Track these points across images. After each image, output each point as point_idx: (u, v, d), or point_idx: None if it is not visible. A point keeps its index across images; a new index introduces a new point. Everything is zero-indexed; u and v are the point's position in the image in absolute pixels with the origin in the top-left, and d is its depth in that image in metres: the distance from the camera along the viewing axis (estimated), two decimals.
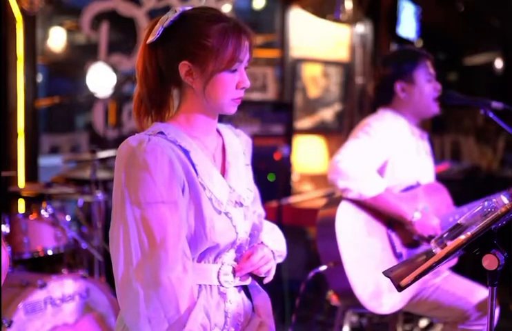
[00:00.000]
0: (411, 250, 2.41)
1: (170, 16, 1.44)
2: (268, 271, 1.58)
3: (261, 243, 1.60)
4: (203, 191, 1.43)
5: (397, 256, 2.37)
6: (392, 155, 2.45)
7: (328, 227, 2.32)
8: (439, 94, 2.53)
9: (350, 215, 2.35)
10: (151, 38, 1.45)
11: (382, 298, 2.27)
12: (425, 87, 2.50)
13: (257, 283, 1.61)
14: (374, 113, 2.58)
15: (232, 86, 1.47)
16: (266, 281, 1.60)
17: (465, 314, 2.28)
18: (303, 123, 5.22)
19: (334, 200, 2.43)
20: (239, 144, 1.62)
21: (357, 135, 2.44)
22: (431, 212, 2.43)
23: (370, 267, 2.31)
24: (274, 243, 1.64)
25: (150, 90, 1.47)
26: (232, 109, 1.50)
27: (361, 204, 2.36)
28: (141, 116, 1.50)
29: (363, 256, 2.31)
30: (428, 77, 2.50)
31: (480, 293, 2.31)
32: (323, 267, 2.34)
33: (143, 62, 1.47)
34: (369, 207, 2.36)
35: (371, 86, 2.68)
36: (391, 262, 2.34)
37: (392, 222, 2.39)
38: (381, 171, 2.45)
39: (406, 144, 2.50)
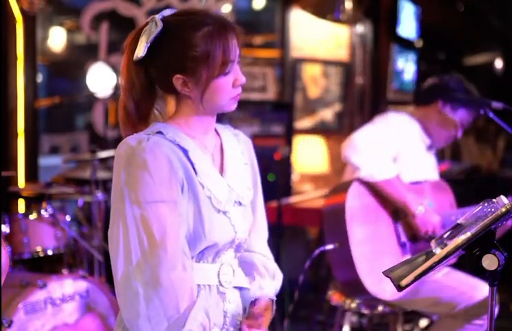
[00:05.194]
0: (414, 244, 2.43)
1: (152, 31, 1.40)
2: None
3: (270, 299, 1.60)
4: (202, 190, 1.43)
5: (401, 245, 2.40)
6: (403, 150, 2.51)
7: (337, 206, 2.34)
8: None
9: (360, 197, 2.38)
10: (137, 55, 1.41)
11: (385, 284, 2.28)
12: None
13: None
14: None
15: (229, 87, 1.45)
16: None
17: (466, 309, 2.29)
18: (303, 123, 5.22)
19: (345, 183, 2.45)
20: (237, 144, 1.62)
21: (374, 122, 2.54)
22: (435, 208, 2.46)
23: (375, 252, 2.34)
24: (277, 285, 1.64)
25: (137, 103, 1.45)
26: (232, 107, 1.49)
27: (371, 189, 2.39)
28: (128, 128, 1.47)
29: (369, 240, 2.34)
30: None
31: (483, 289, 2.31)
32: (329, 246, 2.35)
33: (130, 76, 1.44)
34: (378, 192, 2.39)
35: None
36: (395, 250, 2.39)
37: (398, 213, 2.43)
38: None
39: (417, 141, 2.59)
